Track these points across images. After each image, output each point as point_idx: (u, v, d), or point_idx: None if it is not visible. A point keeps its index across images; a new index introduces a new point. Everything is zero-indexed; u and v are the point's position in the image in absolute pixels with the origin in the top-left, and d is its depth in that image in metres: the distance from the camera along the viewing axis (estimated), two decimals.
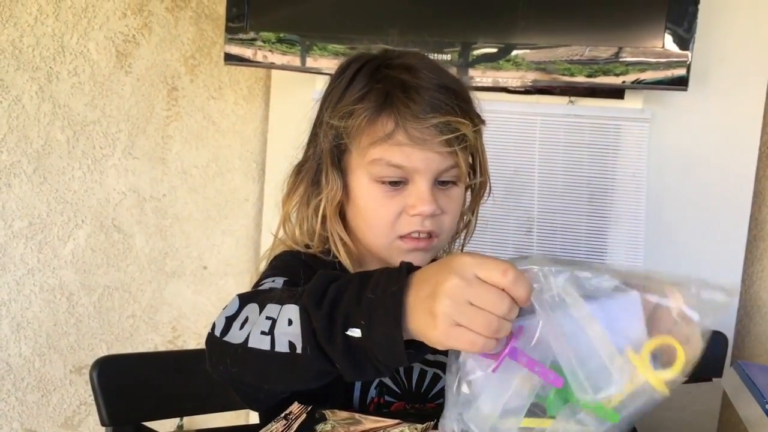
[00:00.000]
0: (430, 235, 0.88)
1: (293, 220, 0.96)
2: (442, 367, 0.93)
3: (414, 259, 0.86)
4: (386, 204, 0.87)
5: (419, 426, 0.72)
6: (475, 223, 1.01)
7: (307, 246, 0.94)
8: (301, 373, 0.68)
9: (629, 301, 0.61)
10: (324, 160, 0.91)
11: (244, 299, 0.74)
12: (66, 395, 1.85)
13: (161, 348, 1.91)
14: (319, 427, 0.74)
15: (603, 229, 1.68)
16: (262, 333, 0.68)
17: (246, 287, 1.95)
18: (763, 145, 1.68)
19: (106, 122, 1.80)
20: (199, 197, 1.90)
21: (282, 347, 0.67)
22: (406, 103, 0.85)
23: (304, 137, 0.97)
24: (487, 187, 0.98)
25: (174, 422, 1.61)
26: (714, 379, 1.33)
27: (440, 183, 0.88)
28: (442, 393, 0.93)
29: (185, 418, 1.59)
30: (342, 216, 0.93)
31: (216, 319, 0.74)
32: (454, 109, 0.86)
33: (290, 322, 0.67)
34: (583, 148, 1.64)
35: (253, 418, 0.91)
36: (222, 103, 1.89)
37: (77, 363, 1.84)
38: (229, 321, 0.72)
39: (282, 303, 0.69)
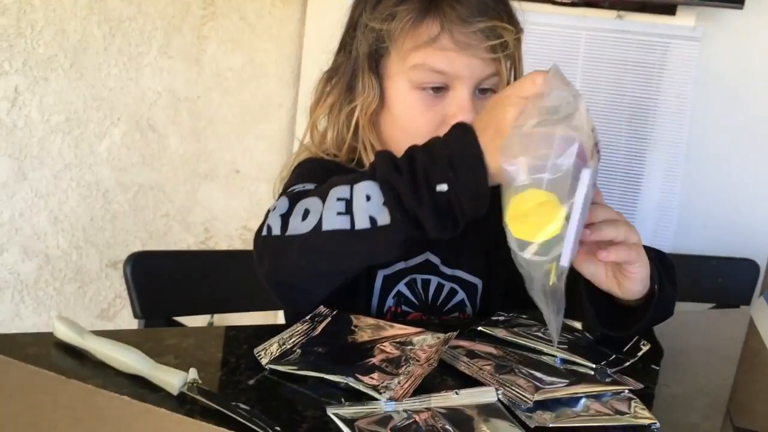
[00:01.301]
0: None
1: (321, 128, 0.95)
2: (459, 282, 0.94)
3: None
4: (425, 113, 0.85)
5: (441, 335, 0.73)
6: None
7: (334, 155, 0.93)
8: (384, 244, 0.70)
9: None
10: (360, 66, 0.88)
11: (294, 197, 0.74)
12: (102, 288, 1.91)
13: (194, 248, 1.95)
14: (345, 330, 0.75)
15: (641, 151, 1.64)
16: (338, 214, 0.70)
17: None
18: None
19: (142, 19, 1.78)
20: (234, 100, 1.89)
21: (363, 223, 0.69)
22: (453, 6, 0.82)
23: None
24: None
25: (204, 319, 1.65)
26: (742, 307, 1.33)
27: (479, 91, 0.86)
28: (457, 307, 0.94)
29: (215, 316, 1.64)
30: (374, 125, 0.91)
31: (269, 221, 0.74)
32: (501, 14, 0.84)
33: (368, 198, 0.69)
34: (628, 66, 1.59)
35: (281, 319, 0.93)
36: (258, 4, 1.85)
37: (113, 258, 1.89)
38: (285, 218, 0.73)
39: (352, 183, 0.70)
